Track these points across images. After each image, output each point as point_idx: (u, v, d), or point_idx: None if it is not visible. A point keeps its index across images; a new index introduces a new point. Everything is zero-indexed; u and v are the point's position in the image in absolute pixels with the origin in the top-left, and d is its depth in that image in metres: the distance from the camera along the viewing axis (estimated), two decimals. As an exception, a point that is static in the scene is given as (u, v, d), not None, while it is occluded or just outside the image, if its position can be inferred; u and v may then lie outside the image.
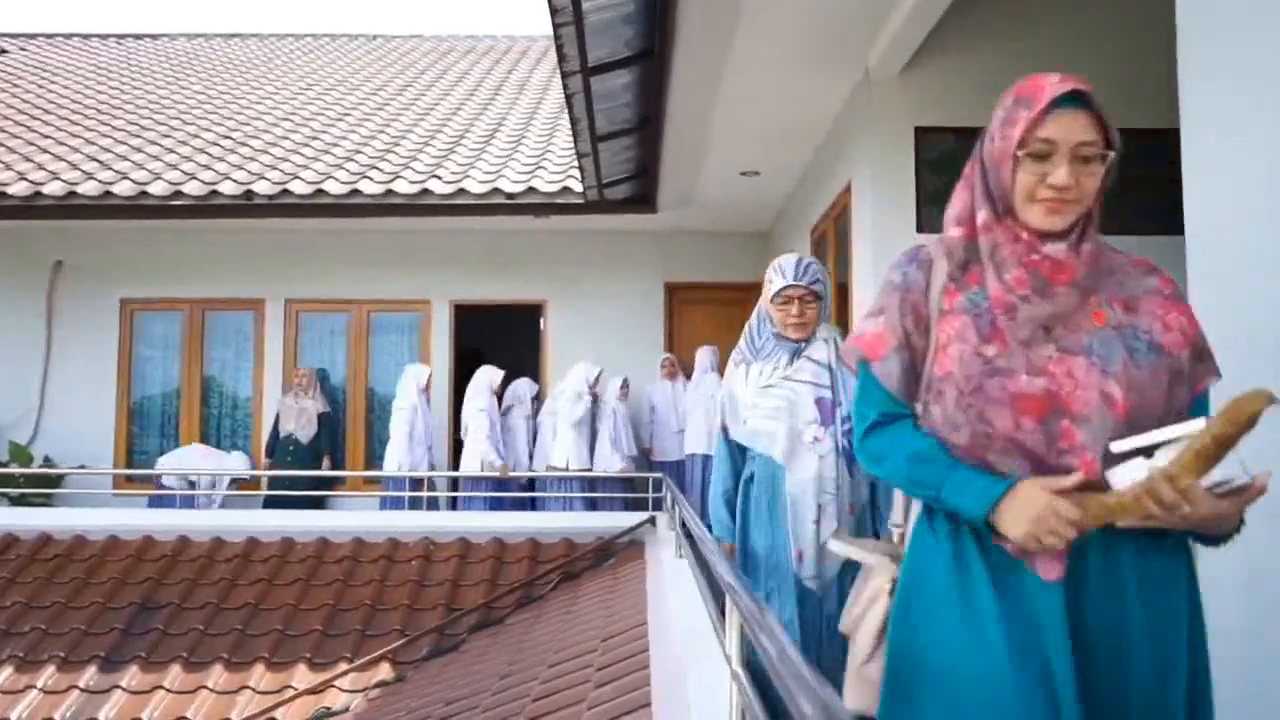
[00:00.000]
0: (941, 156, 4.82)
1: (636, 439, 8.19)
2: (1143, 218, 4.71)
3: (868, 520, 2.81)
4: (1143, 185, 4.76)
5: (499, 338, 9.91)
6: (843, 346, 1.73)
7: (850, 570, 2.57)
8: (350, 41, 15.12)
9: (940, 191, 4.85)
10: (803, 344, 2.90)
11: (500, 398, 7.96)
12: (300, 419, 8.23)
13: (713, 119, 5.73)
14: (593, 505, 7.26)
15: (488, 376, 7.86)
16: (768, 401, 2.86)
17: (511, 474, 7.54)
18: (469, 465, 7.49)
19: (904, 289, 1.60)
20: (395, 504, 7.27)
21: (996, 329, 1.50)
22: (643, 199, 7.56)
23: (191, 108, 10.83)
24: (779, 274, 2.92)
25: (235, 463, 8.10)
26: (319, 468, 8.06)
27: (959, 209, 1.59)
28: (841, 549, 1.82)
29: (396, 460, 7.60)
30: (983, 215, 1.53)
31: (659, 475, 6.45)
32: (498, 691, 3.39)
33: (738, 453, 2.98)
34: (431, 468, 7.72)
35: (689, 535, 3.97)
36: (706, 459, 7.62)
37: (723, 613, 1.80)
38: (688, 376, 8.36)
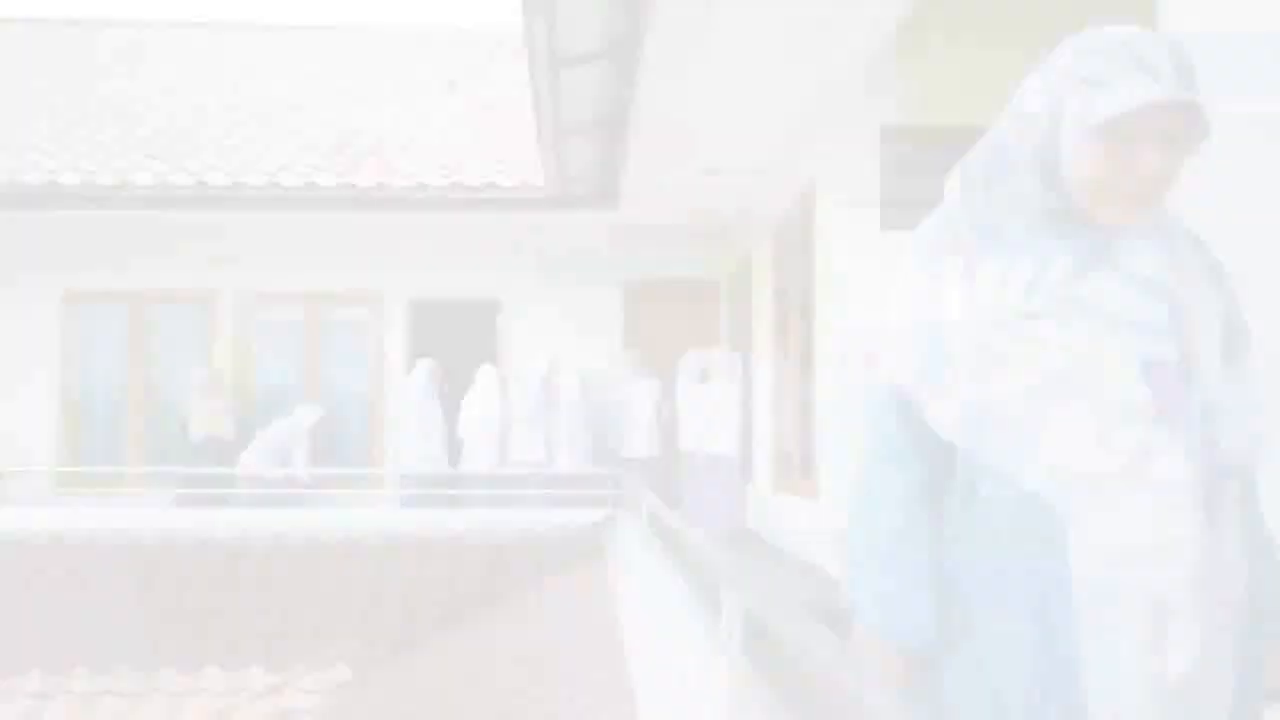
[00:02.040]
0: (908, 156, 4.86)
1: (602, 436, 8.14)
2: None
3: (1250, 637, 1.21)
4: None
5: (455, 334, 9.78)
6: None
7: None
8: (300, 32, 14.80)
9: (906, 191, 4.88)
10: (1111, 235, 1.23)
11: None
12: (213, 420, 7.95)
13: (679, 115, 5.71)
14: (553, 502, 7.21)
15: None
16: (1019, 349, 1.20)
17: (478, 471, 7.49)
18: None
19: None
20: (414, 501, 7.35)
21: None
22: (605, 195, 7.53)
23: (138, 97, 10.51)
24: (1127, 67, 1.16)
25: (305, 412, 7.96)
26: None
27: None
28: None
29: (416, 456, 7.69)
30: None
31: (619, 472, 6.42)
32: (468, 687, 3.33)
33: (934, 450, 1.27)
34: None
35: (661, 528, 3.96)
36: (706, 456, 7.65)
37: (716, 601, 1.78)
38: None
